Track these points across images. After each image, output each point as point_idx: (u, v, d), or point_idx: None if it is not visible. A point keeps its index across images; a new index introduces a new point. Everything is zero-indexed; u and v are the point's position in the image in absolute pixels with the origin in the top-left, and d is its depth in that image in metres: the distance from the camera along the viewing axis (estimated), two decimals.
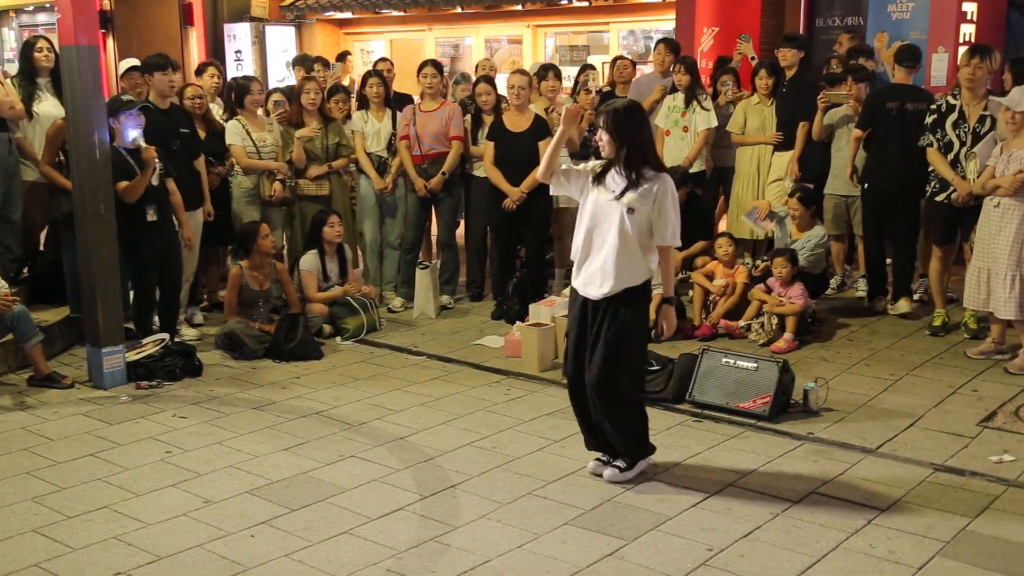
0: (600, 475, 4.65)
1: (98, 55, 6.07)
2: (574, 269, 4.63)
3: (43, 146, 6.82)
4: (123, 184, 6.23)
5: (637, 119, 4.47)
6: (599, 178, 4.51)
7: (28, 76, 7.12)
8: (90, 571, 3.85)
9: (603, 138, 4.47)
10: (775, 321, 6.69)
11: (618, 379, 4.47)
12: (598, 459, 4.72)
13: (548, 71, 8.25)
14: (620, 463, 4.62)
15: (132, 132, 6.22)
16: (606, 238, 4.45)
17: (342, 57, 11.87)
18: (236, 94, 7.66)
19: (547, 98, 8.06)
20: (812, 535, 4.06)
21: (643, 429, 4.69)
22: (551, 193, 4.82)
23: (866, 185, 7.27)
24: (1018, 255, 5.94)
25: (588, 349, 4.52)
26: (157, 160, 6.29)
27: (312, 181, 7.64)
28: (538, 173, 4.69)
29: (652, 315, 5.01)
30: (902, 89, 7.25)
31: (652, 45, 9.37)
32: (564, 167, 4.63)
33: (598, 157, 4.71)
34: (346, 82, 10.43)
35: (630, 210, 4.39)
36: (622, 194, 4.41)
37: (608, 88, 8.96)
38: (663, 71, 8.63)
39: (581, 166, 4.64)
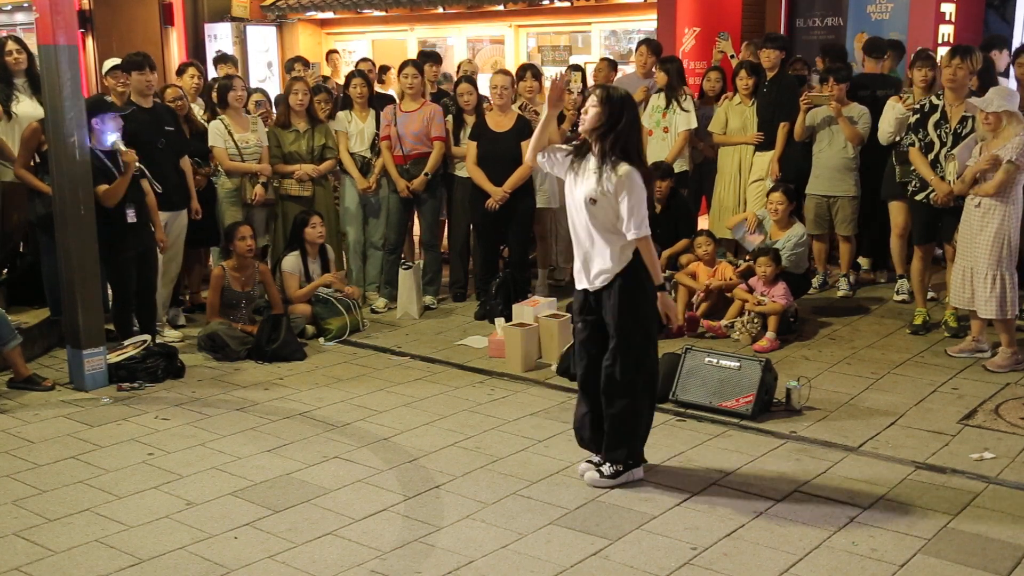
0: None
1: (77, 55, 5.99)
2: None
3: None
4: (103, 188, 6.18)
5: (632, 108, 4.41)
6: (575, 164, 4.46)
7: (2, 79, 7.03)
8: (72, 574, 3.83)
9: (590, 112, 4.36)
10: (757, 321, 6.72)
11: (623, 367, 4.41)
12: (589, 460, 4.67)
13: (526, 71, 8.25)
14: (605, 468, 4.56)
15: (111, 136, 6.18)
16: (578, 229, 4.49)
17: (328, 56, 11.87)
18: (219, 92, 7.62)
19: (525, 99, 8.06)
20: (795, 533, 4.08)
21: (640, 431, 4.57)
22: (543, 170, 4.82)
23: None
24: (998, 254, 5.99)
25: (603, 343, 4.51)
26: (137, 164, 6.25)
27: (296, 181, 7.61)
28: (526, 156, 4.68)
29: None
30: (871, 78, 7.88)
31: (634, 46, 9.38)
32: (554, 147, 4.60)
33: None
34: (339, 79, 10.36)
35: (592, 200, 4.35)
36: (587, 184, 4.37)
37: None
38: (645, 72, 8.65)
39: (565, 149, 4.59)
